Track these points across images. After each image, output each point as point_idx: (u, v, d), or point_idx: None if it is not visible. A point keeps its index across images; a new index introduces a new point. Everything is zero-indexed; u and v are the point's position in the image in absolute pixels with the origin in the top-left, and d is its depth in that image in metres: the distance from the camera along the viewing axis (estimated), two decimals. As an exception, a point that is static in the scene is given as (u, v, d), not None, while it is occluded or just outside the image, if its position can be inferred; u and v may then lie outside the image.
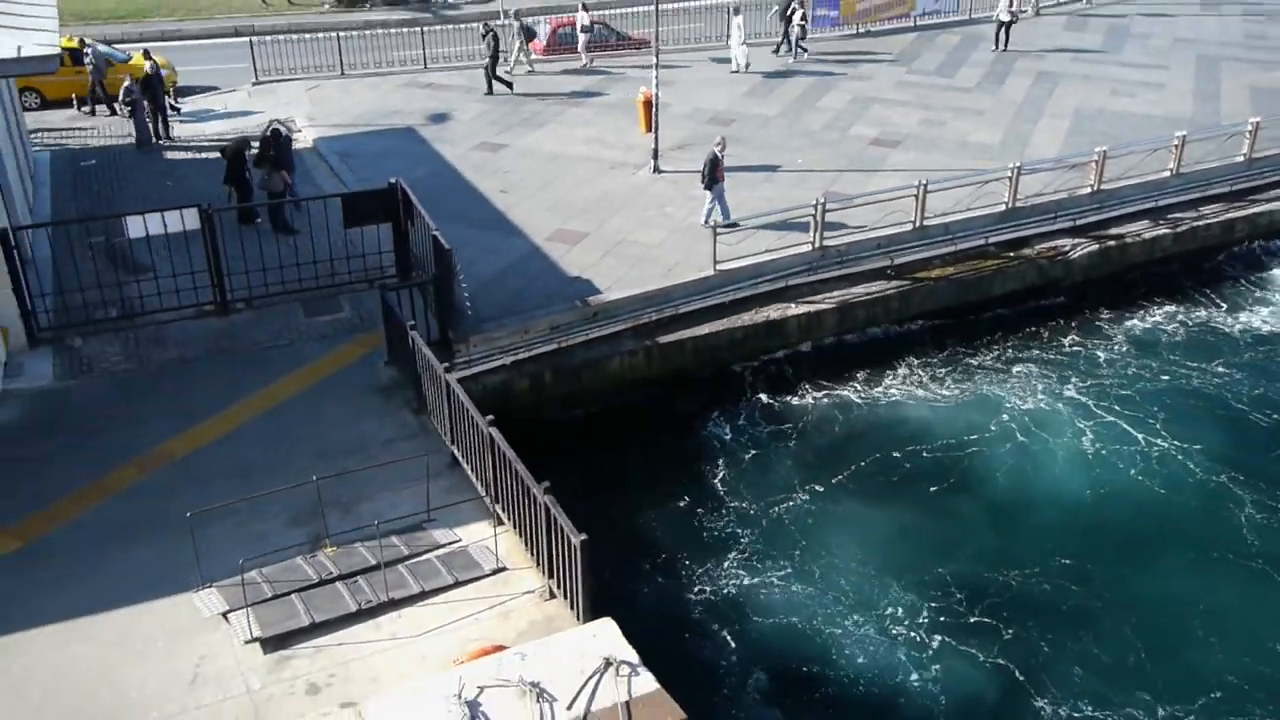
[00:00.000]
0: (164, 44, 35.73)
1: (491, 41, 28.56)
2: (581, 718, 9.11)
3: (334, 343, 17.03)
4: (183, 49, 35.74)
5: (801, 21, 31.59)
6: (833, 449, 17.06)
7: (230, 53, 34.92)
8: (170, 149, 25.37)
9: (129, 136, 26.03)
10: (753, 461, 16.77)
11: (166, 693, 10.32)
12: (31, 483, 13.52)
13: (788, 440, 17.20)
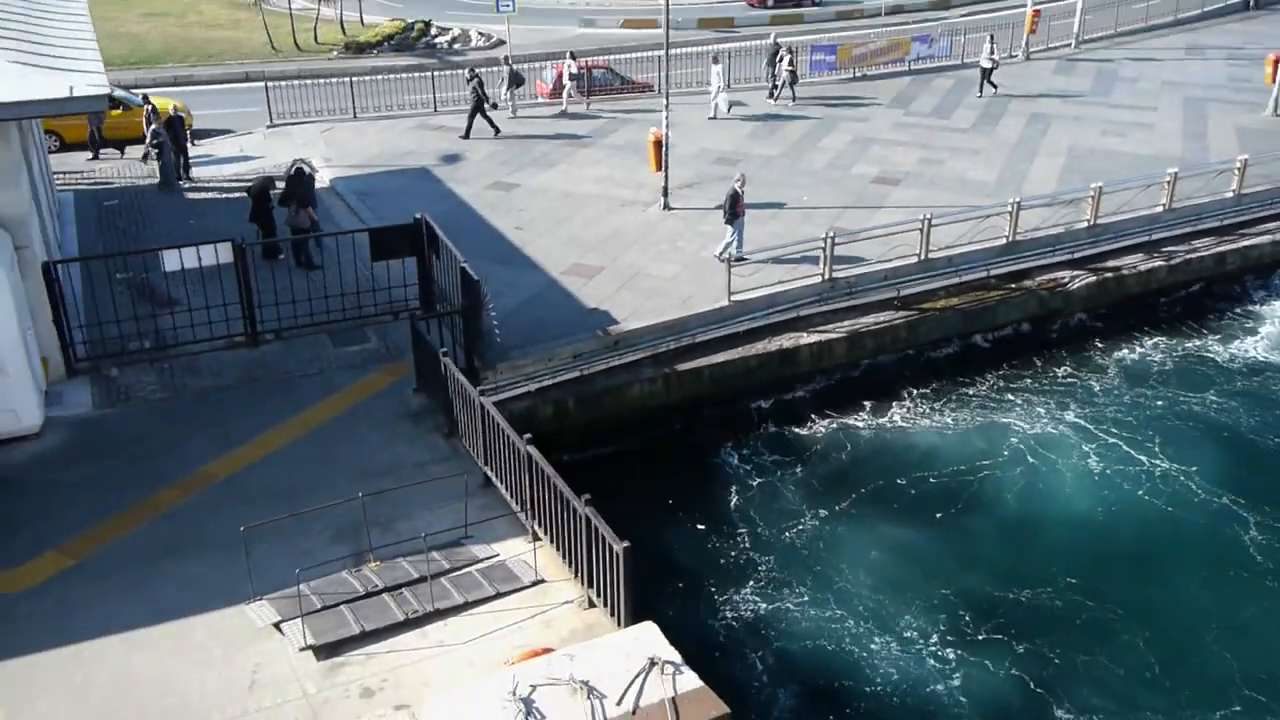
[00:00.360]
0: (175, 89, 36.51)
1: (477, 86, 29.28)
2: (631, 713, 9.58)
3: (362, 372, 17.56)
4: (194, 94, 36.51)
5: (790, 67, 32.47)
6: (846, 473, 17.61)
7: (241, 97, 35.77)
8: (191, 189, 26.00)
9: (148, 178, 26.69)
10: (768, 485, 17.31)
11: (227, 697, 10.76)
12: (79, 504, 13.96)
13: (801, 465, 17.75)
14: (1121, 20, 43.27)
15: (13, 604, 12.21)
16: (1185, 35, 43.72)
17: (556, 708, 9.61)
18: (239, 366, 17.64)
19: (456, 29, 44.74)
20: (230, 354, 17.97)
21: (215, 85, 38.67)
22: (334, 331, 18.64)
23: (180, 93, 35.23)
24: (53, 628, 11.76)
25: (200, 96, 36.03)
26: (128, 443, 15.46)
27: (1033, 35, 38.57)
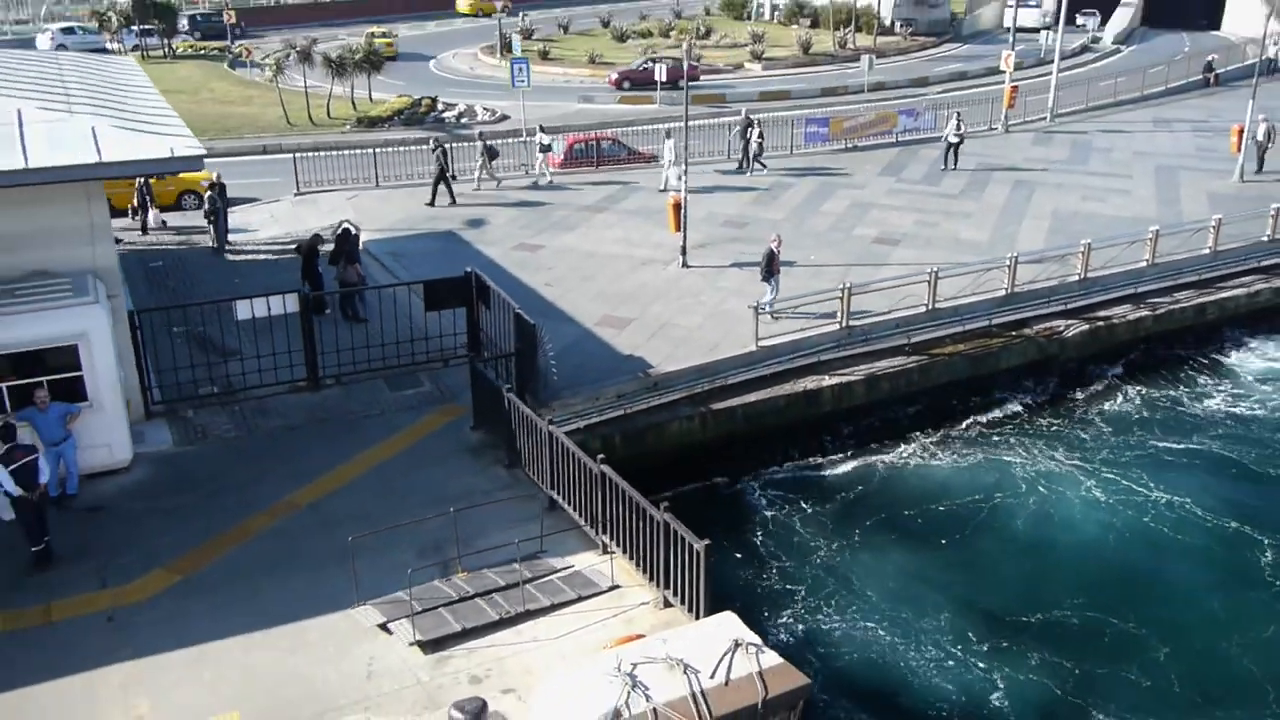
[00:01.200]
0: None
1: (440, 156, 30.89)
2: (724, 685, 10.83)
3: (420, 413, 18.85)
4: (214, 165, 37.97)
5: (759, 139, 34.34)
6: (869, 503, 19.00)
7: (260, 168, 37.34)
8: (231, 252, 27.38)
9: (182, 243, 28.09)
10: (797, 515, 18.65)
11: (349, 685, 11.91)
12: (176, 529, 15.11)
13: (827, 496, 19.14)
14: (1092, 96, 45.93)
15: (132, 614, 13.31)
16: (1152, 109, 46.38)
17: (657, 681, 10.84)
18: (304, 409, 18.89)
19: (462, 104, 46.72)
20: (294, 397, 19.23)
21: (234, 157, 40.16)
22: (389, 377, 19.94)
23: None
24: (173, 633, 12.84)
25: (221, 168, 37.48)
26: (211, 476, 16.63)
27: (1011, 109, 40.94)
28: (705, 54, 59.86)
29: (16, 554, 14.39)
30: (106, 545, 14.73)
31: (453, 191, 31.19)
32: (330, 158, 33.55)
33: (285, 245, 27.62)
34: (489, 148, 33.12)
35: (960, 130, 35.37)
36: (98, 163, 15.76)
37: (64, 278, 16.57)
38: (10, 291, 16.02)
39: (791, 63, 60.85)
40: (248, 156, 40.48)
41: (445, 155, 31.22)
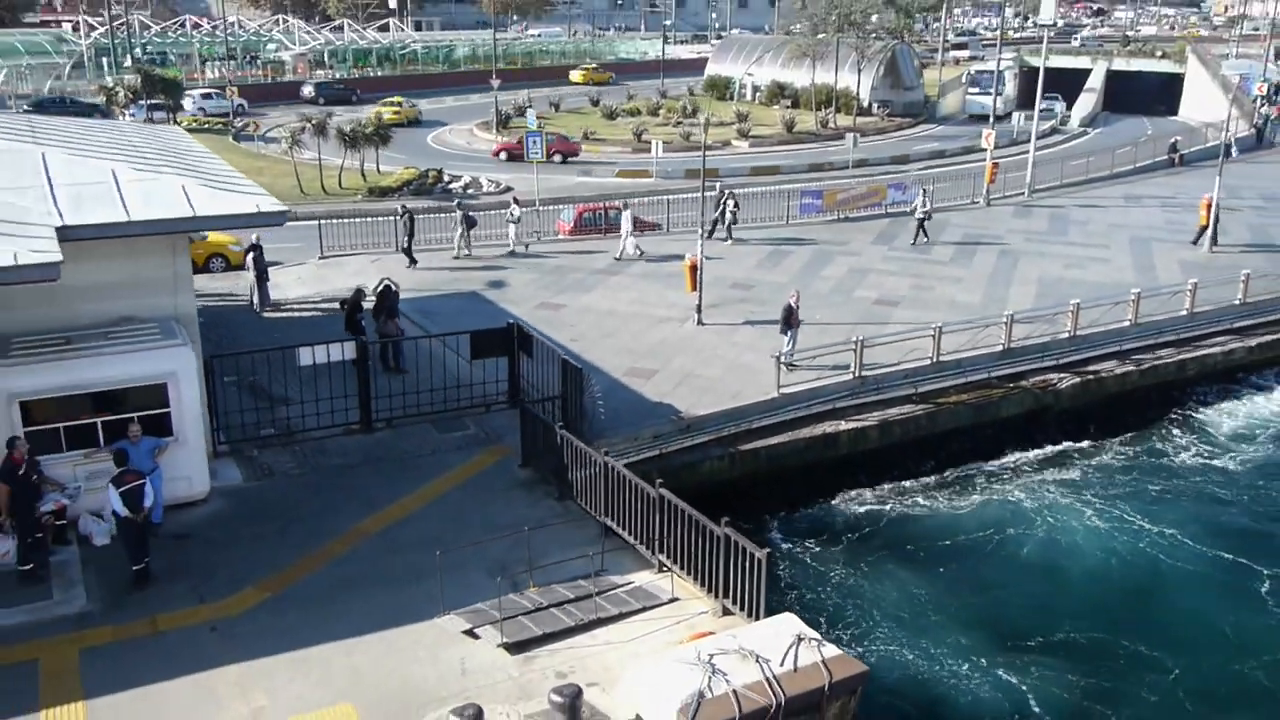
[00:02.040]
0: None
1: (407, 222, 32.42)
2: (793, 671, 12.17)
3: (469, 453, 20.20)
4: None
5: (734, 209, 36.13)
6: (884, 536, 20.50)
7: (280, 233, 38.55)
8: (267, 310, 28.78)
9: (220, 302, 29.48)
10: (818, 547, 20.08)
11: (447, 681, 13.14)
12: (258, 553, 16.31)
13: (846, 531, 20.63)
14: (1066, 173, 48.51)
15: (232, 625, 14.49)
16: (1122, 186, 49.00)
17: (732, 668, 12.17)
18: (360, 449, 20.21)
19: (467, 176, 48.65)
20: (349, 439, 20.55)
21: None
22: (436, 420, 21.30)
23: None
24: (274, 641, 14.01)
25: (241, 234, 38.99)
26: (282, 508, 17.87)
27: (992, 184, 43.28)
28: (694, 132, 62.34)
29: (115, 573, 15.55)
30: (197, 567, 15.90)
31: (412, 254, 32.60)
32: (349, 224, 35.14)
33: (317, 304, 29.09)
34: (467, 217, 34.54)
35: (927, 206, 36.96)
36: (193, 217, 17.27)
37: (151, 322, 17.94)
38: (104, 334, 17.37)
39: (776, 140, 63.48)
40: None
41: (413, 222, 32.57)
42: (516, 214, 35.23)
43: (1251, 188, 47.72)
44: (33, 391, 16.19)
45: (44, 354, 16.63)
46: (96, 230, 16.29)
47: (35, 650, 13.88)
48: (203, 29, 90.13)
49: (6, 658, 13.68)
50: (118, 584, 15.39)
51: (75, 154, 19.05)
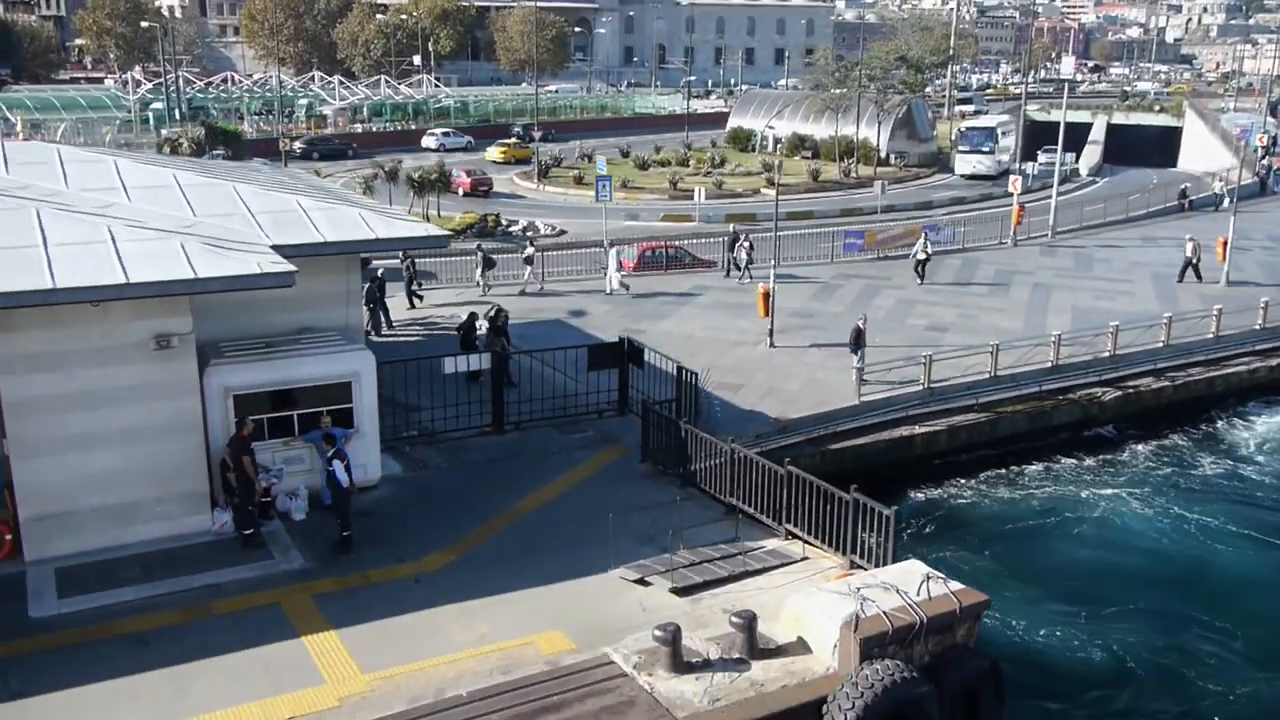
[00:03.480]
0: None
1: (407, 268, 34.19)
2: (928, 599, 14.77)
3: (592, 451, 22.85)
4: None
5: (749, 250, 38.76)
6: (958, 522, 23.14)
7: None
8: (379, 333, 31.54)
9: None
10: (905, 534, 22.70)
11: (631, 615, 15.73)
12: (435, 526, 18.92)
13: (924, 518, 23.24)
14: (1085, 217, 51.64)
15: (432, 578, 17.06)
16: (1138, 229, 52.11)
17: (878, 597, 14.76)
18: (497, 448, 22.88)
19: (523, 220, 51.73)
20: (484, 439, 23.22)
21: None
22: (557, 424, 23.99)
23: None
24: (473, 589, 16.51)
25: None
26: (444, 492, 20.52)
27: (1019, 226, 46.35)
28: (726, 180, 65.69)
29: (318, 541, 18.18)
30: (386, 536, 18.51)
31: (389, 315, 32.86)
32: (433, 262, 38.02)
33: (421, 329, 31.92)
34: (487, 258, 36.87)
35: (928, 248, 39.31)
36: (375, 239, 20.16)
37: (329, 331, 20.72)
38: (294, 340, 20.14)
39: (803, 189, 66.72)
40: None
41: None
42: (530, 253, 37.45)
43: (1260, 230, 50.81)
44: (242, 386, 18.89)
45: (250, 355, 19.35)
46: (299, 249, 19.02)
47: (274, 597, 16.47)
48: (243, 84, 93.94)
49: (253, 602, 16.27)
50: (324, 548, 17.99)
51: (258, 187, 21.91)
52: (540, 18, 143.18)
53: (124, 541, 17.61)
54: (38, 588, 16.49)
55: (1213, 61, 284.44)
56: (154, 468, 17.73)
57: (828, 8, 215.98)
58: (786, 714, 13.65)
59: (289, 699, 13.70)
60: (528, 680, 13.92)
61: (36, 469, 16.97)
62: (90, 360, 16.99)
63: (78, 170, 21.08)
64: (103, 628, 15.46)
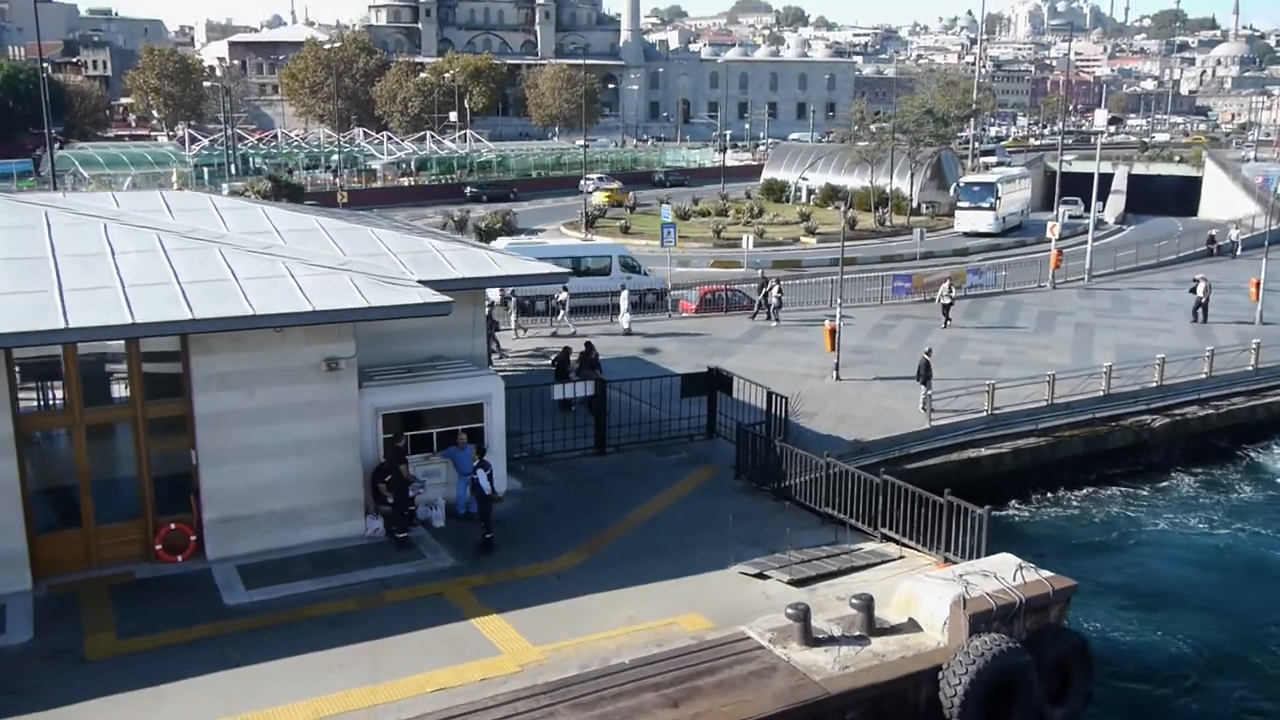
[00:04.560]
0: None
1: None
2: (1023, 584, 16.78)
3: (689, 469, 24.95)
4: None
5: (779, 294, 40.98)
6: (1028, 535, 25.09)
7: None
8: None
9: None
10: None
11: (756, 601, 17.77)
12: (563, 532, 21.00)
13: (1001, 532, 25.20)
14: (1118, 262, 53.83)
15: (570, 574, 19.09)
16: (1168, 272, 54.26)
17: (980, 582, 16.78)
18: (602, 467, 25.03)
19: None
20: (589, 460, 25.37)
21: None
22: (653, 447, 26.14)
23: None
24: (611, 582, 18.49)
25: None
26: (563, 504, 22.63)
27: (1057, 270, 48.58)
28: (766, 229, 68.25)
29: (461, 544, 20.29)
30: (521, 540, 20.60)
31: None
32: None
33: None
34: (520, 303, 39.00)
35: (952, 293, 41.08)
36: (506, 275, 22.62)
37: (458, 359, 23.02)
38: (431, 366, 22.44)
39: (840, 237, 69.04)
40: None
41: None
42: (563, 296, 39.34)
43: (1288, 273, 52.83)
44: (390, 406, 21.17)
45: (396, 379, 21.65)
46: (440, 284, 21.32)
47: (435, 589, 18.57)
48: (294, 140, 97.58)
49: (417, 593, 18.38)
50: (468, 550, 20.11)
51: (389, 230, 24.35)
52: (571, 75, 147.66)
53: (292, 543, 19.76)
54: (226, 581, 18.65)
55: (1228, 113, 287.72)
56: (318, 477, 19.94)
57: (848, 63, 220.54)
58: (907, 679, 15.66)
59: (474, 665, 15.79)
60: (680, 651, 15.97)
61: (220, 476, 19.21)
62: (270, 380, 19.27)
63: (233, 216, 23.50)
64: (291, 613, 17.58)
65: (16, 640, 16.59)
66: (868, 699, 15.31)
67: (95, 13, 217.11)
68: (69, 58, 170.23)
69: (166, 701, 14.93)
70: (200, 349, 18.63)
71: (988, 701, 15.51)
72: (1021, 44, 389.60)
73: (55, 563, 18.48)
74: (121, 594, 18.18)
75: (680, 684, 15.02)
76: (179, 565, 19.11)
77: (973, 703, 15.32)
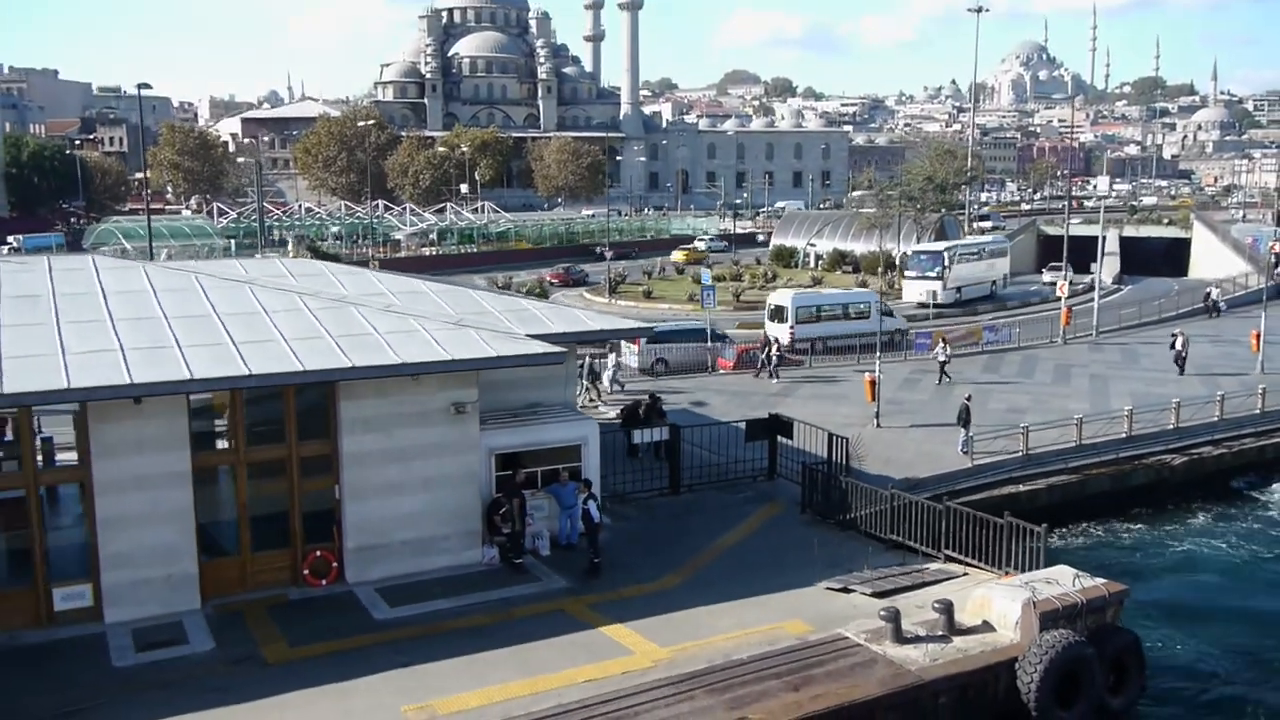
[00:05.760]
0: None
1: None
2: (1082, 589, 19.26)
3: (757, 506, 27.42)
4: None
5: (778, 352, 43.76)
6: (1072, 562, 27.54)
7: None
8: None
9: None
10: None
11: (845, 610, 20.18)
12: (654, 559, 23.41)
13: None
14: (1122, 319, 56.84)
15: (671, 593, 21.53)
16: (1169, 328, 57.00)
17: (1043, 588, 19.24)
18: (679, 504, 27.47)
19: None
20: (665, 499, 27.80)
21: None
22: (720, 488, 28.64)
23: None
24: (712, 597, 20.98)
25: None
26: (650, 536, 25.06)
27: (1067, 326, 51.52)
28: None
29: (568, 569, 22.70)
30: (619, 566, 22.97)
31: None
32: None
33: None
34: (591, 368, 41.15)
35: (948, 351, 43.48)
36: (590, 330, 25.25)
37: (555, 405, 25.59)
38: (533, 411, 25.01)
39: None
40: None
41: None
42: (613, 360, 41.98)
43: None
44: (502, 447, 23.69)
45: (505, 423, 24.19)
46: (545, 338, 24.04)
47: (556, 605, 20.95)
48: (315, 213, 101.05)
49: (541, 609, 20.75)
50: (576, 574, 22.51)
51: (484, 291, 27.07)
52: (576, 147, 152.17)
53: (421, 569, 22.12)
54: (370, 600, 21.02)
55: (1210, 176, 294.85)
56: (444, 510, 22.40)
57: (842, 133, 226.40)
58: (987, 670, 18.09)
59: (613, 663, 18.16)
60: (790, 648, 18.39)
61: (361, 509, 21.67)
62: (405, 423, 21.81)
63: (347, 279, 26.24)
64: (435, 626, 19.93)
65: (201, 649, 18.93)
66: (956, 686, 17.71)
67: (105, 90, 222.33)
68: (86, 134, 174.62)
69: (352, 695, 17.25)
70: (348, 395, 21.20)
71: (1058, 688, 17.91)
72: (1006, 111, 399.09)
73: (216, 586, 20.82)
74: (280, 612, 20.53)
75: (796, 673, 17.42)
76: (324, 588, 21.47)
77: (1046, 689, 17.72)
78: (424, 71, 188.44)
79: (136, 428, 19.26)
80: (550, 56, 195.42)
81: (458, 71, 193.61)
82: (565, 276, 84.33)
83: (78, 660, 18.46)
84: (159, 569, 19.81)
